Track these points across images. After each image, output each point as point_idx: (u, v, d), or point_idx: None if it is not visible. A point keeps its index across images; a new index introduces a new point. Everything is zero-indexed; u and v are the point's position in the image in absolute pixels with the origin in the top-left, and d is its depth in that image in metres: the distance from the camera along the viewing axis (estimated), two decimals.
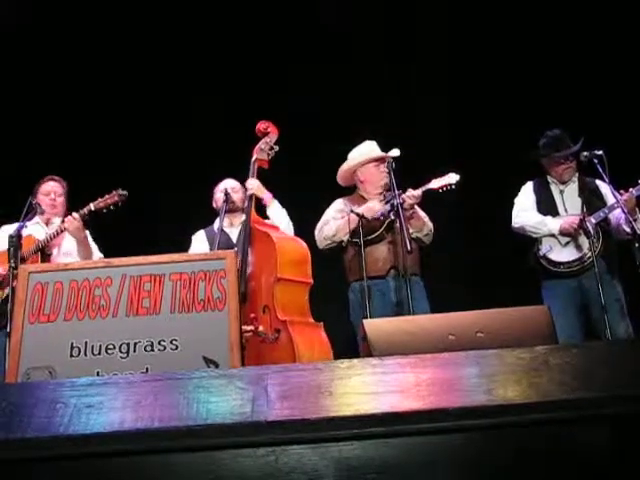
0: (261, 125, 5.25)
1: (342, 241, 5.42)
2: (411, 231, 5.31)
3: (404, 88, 7.18)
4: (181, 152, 7.01)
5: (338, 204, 5.64)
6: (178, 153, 7.02)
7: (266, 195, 5.24)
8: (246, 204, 5.12)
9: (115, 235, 5.66)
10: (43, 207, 5.30)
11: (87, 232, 5.37)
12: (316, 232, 5.54)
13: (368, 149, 5.67)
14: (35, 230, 5.30)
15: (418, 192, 5.29)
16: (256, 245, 4.69)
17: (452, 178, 5.29)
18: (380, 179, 5.53)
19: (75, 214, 5.20)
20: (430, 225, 5.47)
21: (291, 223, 5.27)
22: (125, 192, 5.22)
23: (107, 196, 5.21)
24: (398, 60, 7.24)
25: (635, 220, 5.11)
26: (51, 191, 5.52)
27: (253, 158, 5.19)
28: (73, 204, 5.53)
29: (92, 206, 5.20)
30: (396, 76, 7.22)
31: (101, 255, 5.43)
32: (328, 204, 5.68)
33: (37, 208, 5.23)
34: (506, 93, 6.79)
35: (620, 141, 5.81)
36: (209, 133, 6.98)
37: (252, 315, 4.35)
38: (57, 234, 5.25)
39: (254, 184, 5.13)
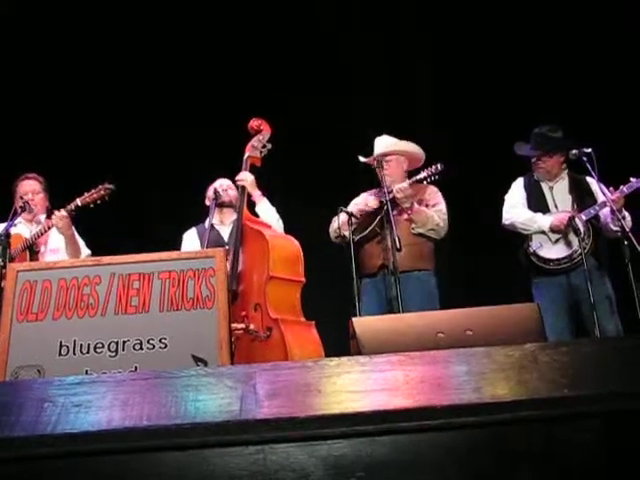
0: (254, 122, 5.23)
1: (345, 236, 5.42)
2: (413, 226, 5.34)
3: (402, 86, 7.19)
4: (173, 150, 7.00)
5: (360, 197, 5.67)
6: (170, 151, 7.01)
7: (256, 193, 5.21)
8: (238, 200, 5.10)
9: (106, 233, 5.64)
10: (19, 207, 5.26)
11: (73, 228, 5.32)
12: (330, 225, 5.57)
13: (375, 146, 5.67)
14: (21, 229, 5.26)
15: (405, 185, 5.31)
16: (248, 243, 4.68)
17: (437, 168, 5.32)
18: (383, 177, 5.53)
19: (62, 210, 5.16)
20: (436, 220, 5.43)
21: (281, 220, 5.25)
22: (111, 185, 5.18)
23: (93, 190, 5.15)
24: (396, 59, 7.26)
25: (624, 218, 5.12)
26: (28, 191, 5.45)
27: (245, 155, 5.17)
28: (64, 197, 5.50)
29: (79, 201, 5.15)
30: (394, 75, 7.23)
31: (89, 251, 5.39)
32: (322, 203, 5.69)
33: (26, 207, 5.22)
34: (502, 90, 6.81)
35: (610, 138, 5.83)
36: (201, 131, 6.96)
37: (243, 313, 4.34)
38: (44, 231, 5.21)
39: (247, 177, 5.11)
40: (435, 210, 5.48)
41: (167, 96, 7.09)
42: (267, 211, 5.23)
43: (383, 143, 5.65)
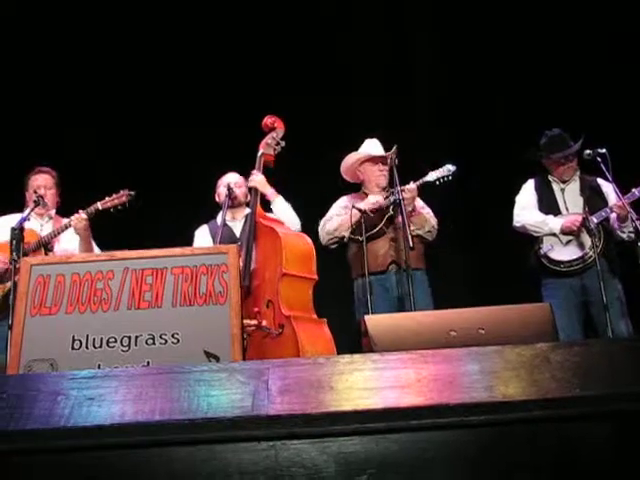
0: (268, 120, 5.23)
1: (344, 237, 5.44)
2: (412, 228, 5.32)
3: (405, 84, 7.18)
4: (186, 147, 7.00)
5: (342, 201, 5.65)
6: (183, 148, 7.00)
7: (269, 191, 5.19)
8: (251, 198, 5.10)
9: (118, 229, 5.64)
10: (32, 201, 5.27)
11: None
12: (319, 228, 5.56)
13: (366, 148, 5.67)
14: (32, 223, 5.22)
15: (413, 186, 5.29)
16: (261, 240, 4.69)
17: (449, 170, 5.29)
18: (376, 178, 5.56)
19: (83, 213, 5.15)
20: (433, 222, 5.45)
21: (297, 216, 5.23)
22: (133, 192, 5.20)
23: (115, 196, 5.16)
24: (399, 56, 7.25)
25: (638, 219, 5.08)
26: (41, 185, 5.42)
27: (259, 153, 5.18)
28: (75, 196, 5.52)
29: (99, 205, 5.15)
30: (398, 73, 7.22)
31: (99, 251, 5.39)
32: (334, 200, 5.69)
33: (40, 201, 5.22)
34: (509, 90, 6.79)
35: (623, 139, 5.81)
36: (215, 128, 6.97)
37: (256, 309, 4.35)
38: (61, 230, 5.21)
39: (257, 178, 5.11)
40: (425, 213, 5.49)
41: (178, 94, 7.09)
42: (283, 209, 5.22)
43: (378, 145, 5.65)
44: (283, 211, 5.20)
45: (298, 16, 7.15)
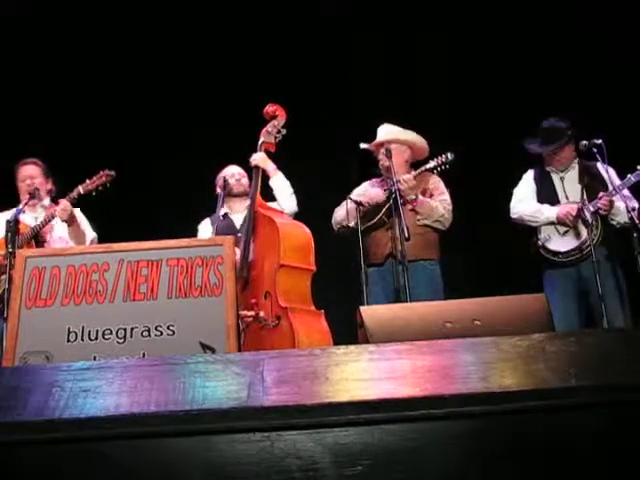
0: (269, 108, 5.20)
1: (348, 227, 5.39)
2: (418, 217, 5.31)
3: (406, 74, 7.16)
4: (188, 140, 6.98)
5: (362, 186, 5.64)
6: (185, 142, 6.99)
7: (271, 167, 5.16)
8: (253, 179, 5.09)
9: (120, 223, 5.65)
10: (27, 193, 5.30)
11: (78, 212, 5.35)
12: (333, 215, 5.54)
13: (378, 134, 5.64)
14: (25, 217, 5.21)
15: (409, 176, 5.27)
16: (260, 230, 4.67)
17: (447, 157, 5.28)
18: (380, 166, 5.54)
19: (64, 201, 5.18)
20: (441, 211, 5.37)
21: (294, 195, 5.22)
22: (112, 172, 5.22)
23: (94, 177, 5.19)
24: (399, 46, 7.23)
25: (633, 210, 5.08)
26: (27, 176, 5.44)
27: (260, 141, 5.15)
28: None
29: (81, 189, 5.18)
30: (398, 62, 7.20)
31: (94, 234, 5.40)
32: (337, 188, 5.68)
33: (36, 194, 5.23)
34: (508, 80, 6.77)
35: (620, 128, 5.80)
36: (215, 118, 6.95)
37: (253, 300, 4.34)
38: (48, 221, 5.21)
39: (257, 155, 5.09)
40: (440, 200, 5.43)
41: (178, 82, 7.07)
42: (281, 185, 5.20)
43: (384, 131, 5.61)
44: (280, 188, 5.18)
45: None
